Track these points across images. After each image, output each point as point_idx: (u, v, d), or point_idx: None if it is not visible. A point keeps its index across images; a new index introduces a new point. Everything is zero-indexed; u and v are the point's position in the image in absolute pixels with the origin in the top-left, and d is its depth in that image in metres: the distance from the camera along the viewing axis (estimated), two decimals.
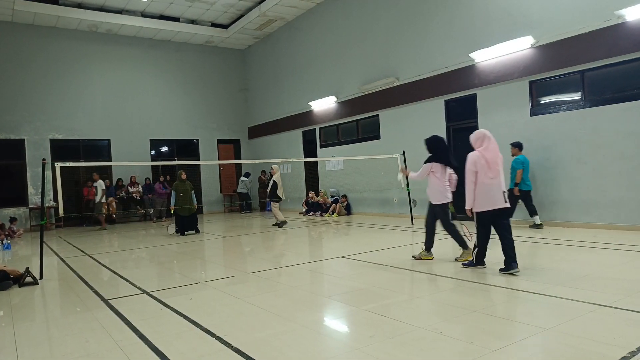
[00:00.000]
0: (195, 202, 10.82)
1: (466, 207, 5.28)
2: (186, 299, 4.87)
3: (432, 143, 6.21)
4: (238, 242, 9.58)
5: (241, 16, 15.66)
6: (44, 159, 7.03)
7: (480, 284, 4.88)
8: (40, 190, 14.10)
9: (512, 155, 8.78)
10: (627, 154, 7.68)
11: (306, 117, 15.41)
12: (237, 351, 3.28)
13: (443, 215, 6.09)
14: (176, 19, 15.68)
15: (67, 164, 7.52)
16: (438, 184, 6.04)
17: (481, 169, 5.16)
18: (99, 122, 15.63)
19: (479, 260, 5.48)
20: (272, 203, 11.61)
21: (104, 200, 13.33)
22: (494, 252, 6.95)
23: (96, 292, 5.37)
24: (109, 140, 15.85)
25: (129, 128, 16.14)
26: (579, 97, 8.34)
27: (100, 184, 13.32)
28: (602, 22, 7.82)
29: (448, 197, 6.09)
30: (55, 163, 7.12)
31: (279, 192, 11.38)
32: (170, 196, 10.69)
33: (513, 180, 8.53)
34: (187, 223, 10.69)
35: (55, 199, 13.32)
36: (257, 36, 17.24)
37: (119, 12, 14.71)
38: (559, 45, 8.42)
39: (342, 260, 6.59)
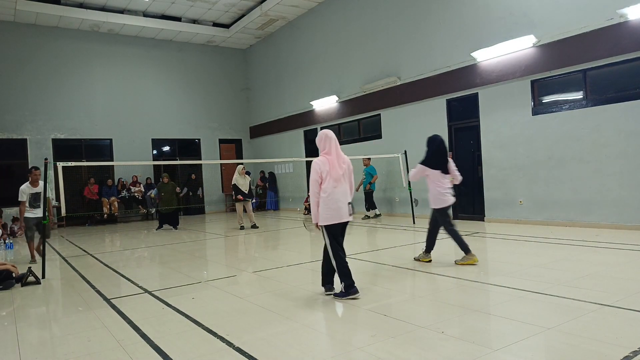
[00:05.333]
0: (180, 196, 12.51)
1: (313, 222, 4.57)
2: (188, 298, 4.88)
3: (428, 143, 5.95)
4: (239, 242, 9.59)
5: (242, 16, 15.66)
6: (46, 159, 7.04)
7: (482, 284, 4.87)
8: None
9: (365, 165, 12.02)
10: (629, 153, 7.67)
11: (308, 116, 15.41)
12: (239, 350, 3.28)
13: (440, 219, 5.89)
14: (178, 19, 15.69)
15: (70, 164, 7.53)
16: (433, 188, 5.84)
17: (326, 177, 4.48)
18: (100, 122, 15.65)
19: (349, 286, 4.47)
20: (249, 204, 11.49)
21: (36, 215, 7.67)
22: (492, 251, 6.92)
23: (98, 292, 5.38)
24: (110, 140, 15.88)
25: (131, 128, 16.16)
26: (581, 97, 8.33)
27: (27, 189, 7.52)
28: (604, 21, 7.80)
29: (445, 202, 5.79)
30: (58, 163, 7.14)
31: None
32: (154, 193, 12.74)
33: (367, 183, 11.92)
34: (168, 219, 11.94)
35: (58, 199, 13.33)
36: (258, 36, 17.24)
37: (121, 11, 14.73)
38: (560, 44, 8.40)
39: None
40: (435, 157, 5.82)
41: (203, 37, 17.04)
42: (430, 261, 5.98)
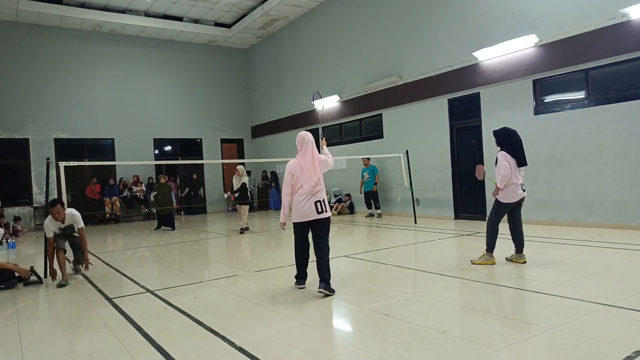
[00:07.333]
0: (174, 202, 11.96)
1: (280, 221, 4.99)
2: (190, 297, 4.89)
3: (503, 135, 5.68)
4: (241, 241, 9.59)
5: (244, 15, 15.67)
6: (48, 159, 7.05)
7: (484, 284, 4.87)
8: (44, 189, 14.15)
9: (365, 165, 12.26)
10: (630, 153, 7.65)
11: (309, 116, 15.40)
12: (241, 350, 3.29)
13: (496, 213, 5.68)
14: (179, 19, 15.70)
15: (71, 164, 7.55)
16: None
17: (298, 178, 4.69)
18: (102, 122, 15.68)
19: (296, 277, 5.04)
20: (242, 207, 10.72)
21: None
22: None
23: (100, 291, 5.39)
24: (112, 139, 15.90)
25: (133, 127, 16.18)
26: (583, 96, 8.31)
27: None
28: (606, 20, 7.78)
29: (514, 196, 5.54)
30: (60, 162, 7.15)
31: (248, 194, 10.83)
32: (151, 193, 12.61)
33: (372, 182, 12.14)
34: (164, 220, 11.94)
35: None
36: (260, 35, 17.25)
37: (123, 11, 14.74)
38: (562, 43, 8.39)
39: (346, 259, 6.59)
40: (513, 147, 5.55)
41: (204, 37, 17.05)
42: (525, 262, 5.63)
